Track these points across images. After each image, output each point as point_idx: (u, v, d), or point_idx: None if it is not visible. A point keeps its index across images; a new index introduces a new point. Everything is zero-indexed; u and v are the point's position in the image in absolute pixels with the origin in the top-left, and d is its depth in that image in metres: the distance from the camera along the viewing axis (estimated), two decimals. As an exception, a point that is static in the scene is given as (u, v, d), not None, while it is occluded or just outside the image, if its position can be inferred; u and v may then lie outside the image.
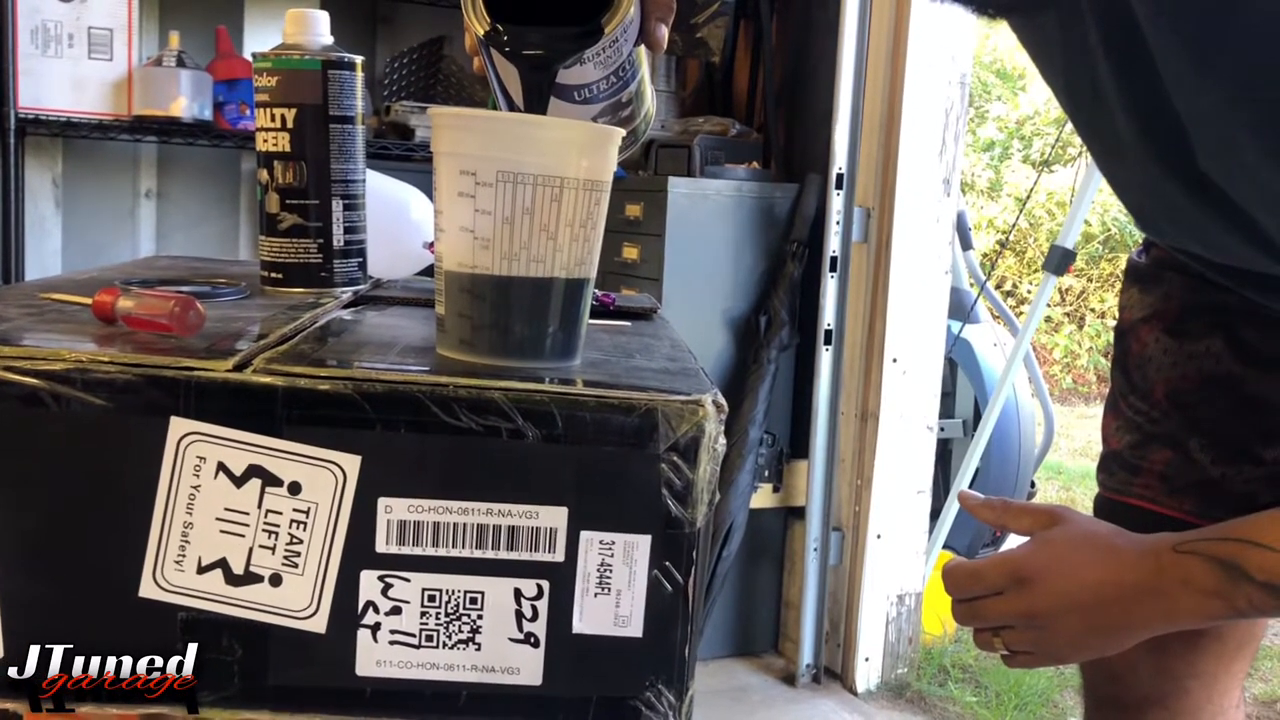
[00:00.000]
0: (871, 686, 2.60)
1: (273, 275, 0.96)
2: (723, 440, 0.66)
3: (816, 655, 2.64)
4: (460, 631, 0.65)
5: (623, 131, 0.72)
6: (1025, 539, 0.88)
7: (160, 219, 2.83)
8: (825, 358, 2.56)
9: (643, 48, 0.81)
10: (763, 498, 2.65)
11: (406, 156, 2.70)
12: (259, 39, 2.76)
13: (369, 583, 0.64)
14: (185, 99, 2.52)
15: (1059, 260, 2.72)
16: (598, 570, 0.65)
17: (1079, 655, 0.90)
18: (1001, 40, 7.09)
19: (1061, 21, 0.77)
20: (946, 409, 3.13)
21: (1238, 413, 0.93)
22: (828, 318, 2.55)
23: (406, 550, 0.64)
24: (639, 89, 0.84)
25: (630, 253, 2.64)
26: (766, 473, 2.65)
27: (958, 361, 3.19)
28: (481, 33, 0.75)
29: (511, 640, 0.65)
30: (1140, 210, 0.91)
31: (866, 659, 2.60)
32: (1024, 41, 0.86)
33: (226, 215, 2.88)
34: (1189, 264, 0.94)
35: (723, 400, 0.66)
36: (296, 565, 0.63)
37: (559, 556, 0.65)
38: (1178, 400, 0.97)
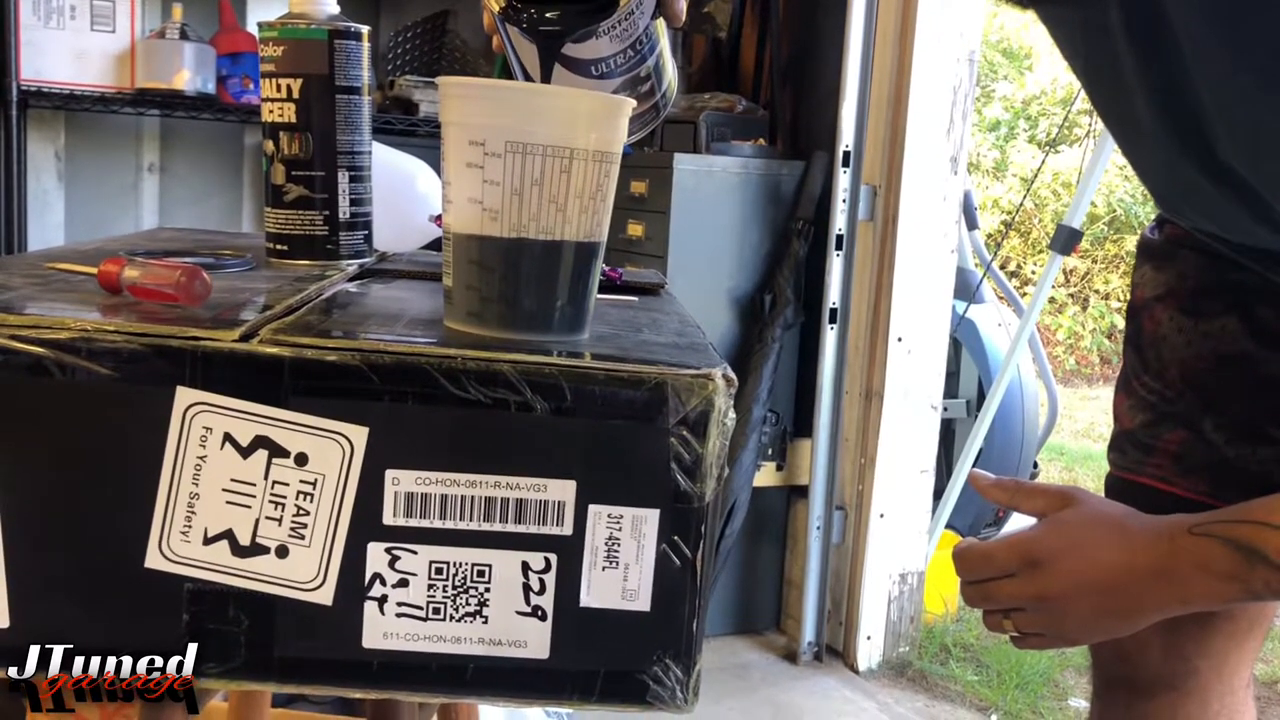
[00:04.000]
0: (873, 665, 2.61)
1: (278, 247, 0.95)
2: (732, 415, 0.65)
3: (818, 633, 2.65)
4: (468, 604, 0.64)
5: (633, 102, 0.71)
6: (1035, 520, 0.87)
7: (163, 193, 2.82)
8: (830, 336, 2.55)
9: (661, 22, 0.80)
10: (766, 476, 2.65)
11: (410, 131, 2.69)
12: (262, 12, 2.74)
13: (376, 555, 0.63)
14: (188, 72, 2.51)
15: (1066, 239, 2.71)
16: (606, 544, 0.65)
17: (1090, 637, 0.89)
18: (1009, 19, 7.05)
19: (1084, 5, 0.76)
20: (950, 389, 3.12)
21: (1252, 393, 0.93)
22: (833, 296, 2.54)
23: (414, 522, 0.63)
24: (658, 63, 0.84)
25: (635, 230, 2.63)
26: (770, 451, 2.65)
27: (962, 341, 3.18)
28: (497, 8, 0.74)
29: (519, 613, 0.65)
30: (1159, 191, 0.91)
31: (868, 637, 2.60)
32: (1045, 22, 0.85)
33: (229, 189, 2.87)
34: (1204, 242, 0.94)
35: (732, 375, 0.65)
36: (303, 537, 0.63)
37: (567, 530, 0.64)
38: (1192, 380, 0.96)
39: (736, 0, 2.92)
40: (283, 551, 0.63)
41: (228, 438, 0.62)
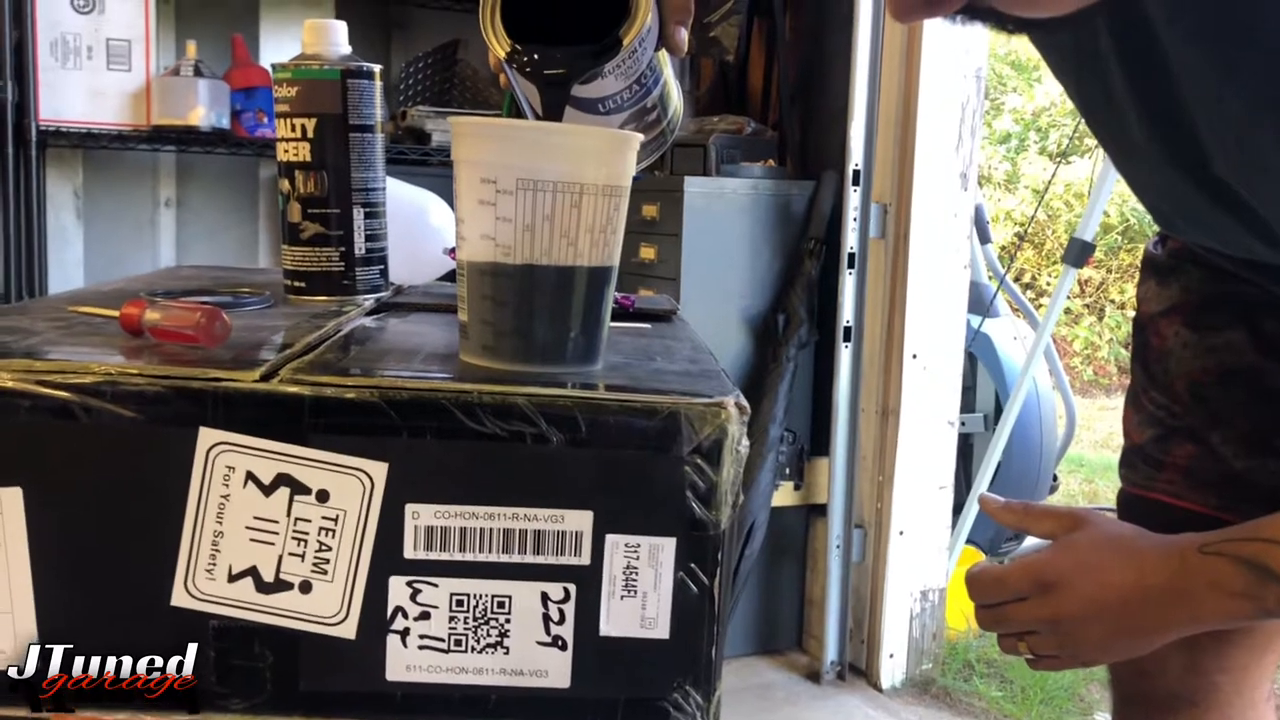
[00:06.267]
0: (896, 683, 2.60)
1: (296, 284, 0.96)
2: (746, 442, 0.66)
3: (841, 652, 2.64)
4: (489, 635, 0.65)
5: (641, 136, 0.73)
6: (1046, 542, 0.88)
7: (180, 228, 2.85)
8: (844, 355, 2.56)
9: (664, 52, 0.81)
10: (784, 496, 2.65)
11: (423, 161, 2.71)
12: (275, 47, 2.78)
13: (398, 588, 0.64)
14: (203, 108, 2.54)
15: (1078, 253, 2.71)
16: (623, 573, 0.65)
17: (1105, 658, 0.89)
18: (1016, 32, 7.04)
19: (1074, 30, 0.77)
20: (967, 404, 3.12)
21: (1260, 405, 0.93)
22: (846, 314, 2.55)
23: (434, 555, 0.64)
24: (664, 92, 0.84)
25: (647, 253, 2.64)
26: (787, 471, 2.65)
27: (978, 356, 3.18)
28: (502, 54, 0.75)
29: (539, 643, 0.66)
30: (1156, 208, 0.91)
31: (891, 655, 2.60)
32: (1037, 46, 0.86)
33: (245, 223, 2.90)
34: (1207, 256, 0.94)
35: (745, 402, 0.66)
36: (326, 572, 0.64)
37: (585, 560, 0.65)
38: (1199, 394, 0.96)
39: (743, 22, 2.93)
40: (306, 587, 0.64)
41: (250, 476, 0.63)
